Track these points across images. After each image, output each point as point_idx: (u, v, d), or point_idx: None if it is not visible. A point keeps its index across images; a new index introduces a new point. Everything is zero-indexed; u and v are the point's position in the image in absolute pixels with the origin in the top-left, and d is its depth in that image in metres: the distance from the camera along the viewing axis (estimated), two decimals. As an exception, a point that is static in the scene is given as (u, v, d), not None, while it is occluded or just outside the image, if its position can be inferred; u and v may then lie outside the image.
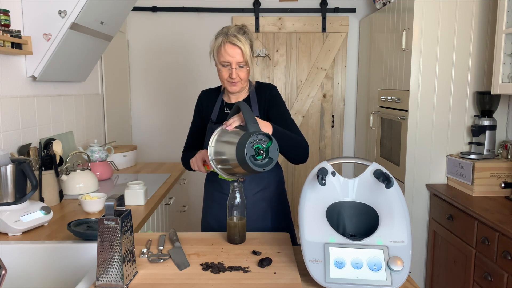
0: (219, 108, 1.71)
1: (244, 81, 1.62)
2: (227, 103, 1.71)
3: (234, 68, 1.56)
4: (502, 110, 2.48)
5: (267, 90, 1.70)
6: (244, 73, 1.59)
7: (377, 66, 3.14)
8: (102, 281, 1.06)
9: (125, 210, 1.12)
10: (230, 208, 1.37)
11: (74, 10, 1.98)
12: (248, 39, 1.57)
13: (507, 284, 1.77)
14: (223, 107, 1.71)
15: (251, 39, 1.60)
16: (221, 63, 1.58)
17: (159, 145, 3.78)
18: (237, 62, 1.56)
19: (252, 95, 1.69)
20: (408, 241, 1.11)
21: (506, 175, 2.26)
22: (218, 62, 1.60)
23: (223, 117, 1.68)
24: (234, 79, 1.58)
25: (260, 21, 3.61)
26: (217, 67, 1.61)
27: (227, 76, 1.59)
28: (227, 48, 1.55)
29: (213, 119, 1.70)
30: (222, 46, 1.56)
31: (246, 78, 1.62)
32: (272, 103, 1.67)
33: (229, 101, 1.71)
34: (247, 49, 1.55)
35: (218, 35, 1.59)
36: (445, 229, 2.34)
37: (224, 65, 1.58)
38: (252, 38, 1.62)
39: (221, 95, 1.74)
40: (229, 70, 1.57)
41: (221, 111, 1.71)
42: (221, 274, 1.15)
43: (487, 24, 2.43)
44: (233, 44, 1.54)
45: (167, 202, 2.40)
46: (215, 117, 1.70)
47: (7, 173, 1.55)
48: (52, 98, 2.31)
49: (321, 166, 1.22)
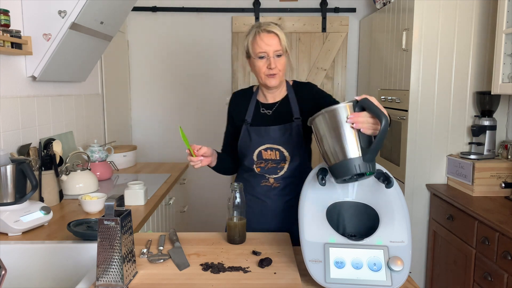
0: (253, 109, 1.63)
1: (282, 72, 1.53)
2: (263, 103, 1.63)
3: (271, 57, 1.49)
4: (502, 110, 2.48)
5: (308, 89, 1.61)
6: (282, 63, 1.51)
7: (377, 66, 3.14)
8: (102, 281, 1.06)
9: (125, 210, 1.12)
10: (230, 208, 1.37)
11: (74, 10, 1.97)
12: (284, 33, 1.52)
13: (507, 284, 1.77)
14: (259, 107, 1.63)
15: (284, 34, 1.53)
16: (257, 55, 1.50)
17: (159, 145, 3.78)
18: (274, 50, 1.48)
19: (291, 95, 1.60)
20: (408, 241, 1.11)
21: (506, 175, 2.26)
22: (254, 55, 1.51)
23: (259, 118, 1.61)
24: (273, 70, 1.50)
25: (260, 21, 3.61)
26: (253, 63, 1.54)
27: (265, 68, 1.50)
28: (262, 36, 1.48)
29: (248, 120, 1.61)
30: (257, 36, 1.49)
31: (284, 69, 1.53)
32: (318, 99, 1.56)
33: (265, 101, 1.63)
34: (283, 36, 1.49)
35: (250, 30, 1.53)
36: (445, 229, 2.34)
37: (261, 57, 1.50)
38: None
39: (255, 95, 1.65)
40: (267, 61, 1.49)
41: (257, 111, 1.62)
42: (221, 274, 1.14)
43: (487, 24, 2.43)
44: (269, 31, 1.48)
45: (167, 202, 2.40)
46: (250, 118, 1.61)
47: (7, 173, 1.54)
48: (52, 98, 2.31)
49: (321, 166, 1.22)
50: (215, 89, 3.71)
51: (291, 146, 1.55)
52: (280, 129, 1.55)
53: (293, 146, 1.55)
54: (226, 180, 3.79)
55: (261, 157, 1.57)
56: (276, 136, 1.55)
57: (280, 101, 1.62)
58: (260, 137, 1.57)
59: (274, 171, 1.58)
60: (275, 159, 1.56)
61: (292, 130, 1.55)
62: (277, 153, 1.55)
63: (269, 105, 1.62)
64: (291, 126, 1.55)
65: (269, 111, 1.61)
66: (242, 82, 3.66)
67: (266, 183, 1.59)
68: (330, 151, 1.11)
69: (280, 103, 1.61)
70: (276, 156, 1.56)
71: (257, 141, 1.57)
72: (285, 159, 1.56)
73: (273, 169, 1.58)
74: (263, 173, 1.59)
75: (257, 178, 1.61)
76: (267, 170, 1.58)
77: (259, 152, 1.57)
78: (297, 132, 1.55)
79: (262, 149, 1.57)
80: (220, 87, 3.71)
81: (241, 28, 3.59)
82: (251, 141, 1.58)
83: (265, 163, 1.58)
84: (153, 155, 3.76)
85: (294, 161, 1.56)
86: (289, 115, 1.58)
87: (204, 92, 3.72)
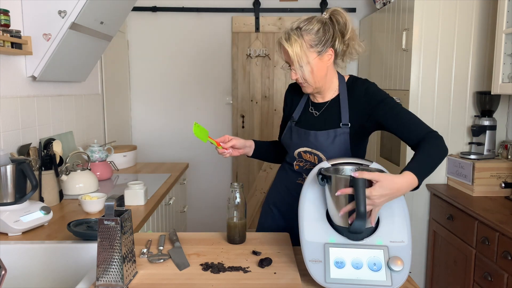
0: (303, 107, 1.55)
1: (312, 81, 1.42)
2: (313, 102, 1.53)
3: (291, 69, 1.42)
4: (502, 110, 2.48)
5: (361, 89, 1.44)
6: (307, 73, 1.40)
7: (377, 66, 3.14)
8: (102, 281, 1.06)
9: (125, 210, 1.12)
10: (230, 208, 1.37)
11: (74, 10, 1.97)
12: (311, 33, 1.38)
13: (507, 284, 1.76)
14: (308, 106, 1.54)
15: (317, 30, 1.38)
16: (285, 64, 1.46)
17: (159, 145, 3.78)
18: (290, 62, 1.41)
19: (342, 95, 1.46)
20: (408, 241, 1.11)
21: (506, 175, 2.26)
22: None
23: (306, 118, 1.52)
24: (296, 81, 1.44)
25: (260, 21, 3.61)
26: None
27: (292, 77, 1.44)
28: (279, 48, 1.43)
29: (294, 117, 1.54)
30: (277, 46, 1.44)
31: (313, 78, 1.41)
32: (374, 105, 1.40)
33: (314, 100, 1.53)
34: (297, 50, 1.37)
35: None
36: (445, 229, 2.34)
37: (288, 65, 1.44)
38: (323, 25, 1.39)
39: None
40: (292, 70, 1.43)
41: (305, 110, 1.54)
42: (221, 274, 1.14)
43: (487, 24, 2.43)
44: (280, 44, 1.41)
45: (167, 202, 2.40)
46: (297, 116, 1.54)
47: (7, 173, 1.54)
48: (52, 98, 2.31)
49: (321, 166, 1.22)
50: (215, 89, 3.71)
51: (332, 153, 1.44)
52: (321, 135, 1.46)
53: (335, 152, 1.44)
54: (226, 180, 3.79)
55: (301, 157, 1.52)
56: (316, 141, 1.46)
57: (330, 101, 1.49)
58: (300, 139, 1.50)
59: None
60: (314, 162, 1.49)
61: (336, 137, 1.44)
62: (316, 157, 1.48)
63: (319, 105, 1.51)
64: (336, 132, 1.44)
65: (316, 112, 1.51)
66: (242, 82, 3.66)
67: (301, 181, 1.53)
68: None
69: (329, 104, 1.49)
70: (315, 160, 1.48)
71: (297, 143, 1.52)
72: None
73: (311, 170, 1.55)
74: (301, 171, 1.54)
75: (295, 173, 1.56)
76: (305, 170, 1.52)
77: (299, 153, 1.52)
78: (342, 139, 1.44)
79: (301, 151, 1.51)
80: (220, 87, 3.71)
81: (241, 28, 3.59)
82: (292, 141, 1.54)
83: (304, 163, 1.52)
84: (153, 155, 3.76)
85: None
86: (336, 120, 1.46)
87: (204, 92, 3.72)
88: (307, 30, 1.38)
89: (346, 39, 1.42)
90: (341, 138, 1.44)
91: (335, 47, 1.43)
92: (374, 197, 1.07)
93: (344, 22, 1.41)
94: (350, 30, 1.41)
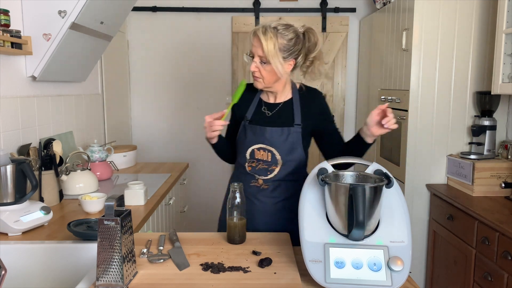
0: (256, 106, 1.63)
1: (266, 80, 1.52)
2: (266, 102, 1.62)
3: (253, 61, 1.50)
4: (502, 110, 2.48)
5: (315, 98, 1.61)
6: (266, 72, 1.50)
7: (377, 66, 3.14)
8: (102, 281, 1.06)
9: (125, 210, 1.12)
10: (230, 208, 1.37)
11: (74, 10, 1.97)
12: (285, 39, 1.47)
13: (507, 284, 1.77)
14: (261, 105, 1.62)
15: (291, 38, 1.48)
16: (250, 53, 1.52)
17: (159, 145, 3.78)
18: (258, 55, 1.48)
19: (295, 98, 1.59)
20: (408, 241, 1.11)
21: (506, 175, 2.26)
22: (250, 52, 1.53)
23: (260, 116, 1.60)
24: (253, 73, 1.51)
25: (260, 21, 3.61)
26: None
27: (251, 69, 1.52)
28: (252, 38, 1.50)
29: (248, 117, 1.61)
30: (252, 35, 1.50)
31: (269, 78, 1.51)
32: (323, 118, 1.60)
33: (267, 100, 1.63)
34: (270, 47, 1.44)
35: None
36: (445, 229, 2.34)
37: (252, 56, 1.51)
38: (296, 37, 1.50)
39: (259, 93, 1.65)
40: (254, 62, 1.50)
41: (258, 109, 1.62)
42: (221, 274, 1.14)
43: (487, 24, 2.43)
44: (256, 35, 1.48)
45: (167, 202, 2.40)
46: (251, 115, 1.61)
47: (7, 173, 1.54)
48: (52, 98, 2.31)
49: (321, 166, 1.22)
50: (215, 89, 3.71)
51: (285, 150, 1.55)
52: (276, 131, 1.55)
53: (287, 150, 1.55)
54: (226, 180, 3.79)
55: (253, 156, 1.58)
56: (271, 137, 1.55)
57: (283, 103, 1.61)
58: (255, 136, 1.57)
59: (264, 172, 1.58)
60: (267, 160, 1.56)
61: (290, 134, 1.55)
62: (269, 154, 1.55)
63: (271, 105, 1.62)
64: (290, 130, 1.55)
65: (269, 112, 1.61)
66: (242, 82, 3.66)
67: (255, 183, 1.59)
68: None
69: (282, 106, 1.61)
70: (268, 157, 1.56)
71: (252, 140, 1.58)
72: (277, 162, 1.56)
73: (263, 170, 1.58)
74: (253, 173, 1.59)
75: (247, 177, 1.61)
76: (257, 170, 1.58)
77: (252, 151, 1.58)
78: (295, 138, 1.55)
79: (255, 148, 1.57)
80: (220, 87, 3.71)
81: (241, 28, 3.59)
82: (246, 139, 1.59)
83: (256, 163, 1.58)
84: (153, 155, 3.76)
85: (286, 166, 1.56)
86: (290, 119, 1.57)
87: (204, 92, 3.72)
88: (283, 34, 1.48)
89: (311, 56, 1.57)
90: (293, 136, 1.55)
91: (297, 60, 1.55)
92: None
93: (314, 42, 1.56)
94: (317, 51, 1.57)
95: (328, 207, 1.15)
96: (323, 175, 1.17)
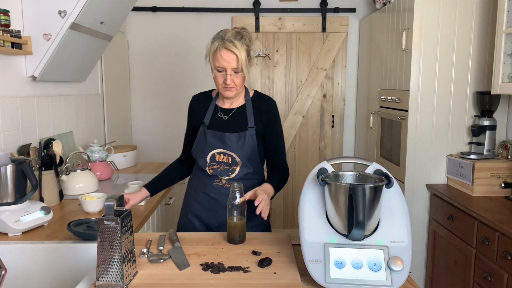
0: (212, 112, 1.70)
1: (239, 87, 1.60)
2: (221, 107, 1.70)
3: (229, 74, 1.55)
4: (502, 110, 2.48)
5: (266, 104, 1.70)
6: (239, 79, 1.57)
7: (377, 66, 3.14)
8: (102, 281, 1.06)
9: (125, 210, 1.12)
10: (230, 208, 1.37)
11: (74, 10, 1.97)
12: (245, 44, 1.56)
13: (507, 284, 1.77)
14: (217, 111, 1.70)
15: (249, 44, 1.59)
16: (216, 68, 1.57)
17: (159, 145, 3.78)
18: (232, 68, 1.54)
19: (248, 104, 1.68)
20: (408, 241, 1.11)
21: (506, 175, 2.26)
22: (213, 67, 1.58)
23: (217, 121, 1.68)
24: (228, 85, 1.57)
25: (260, 21, 3.61)
26: (213, 71, 1.60)
27: (222, 81, 1.57)
28: (222, 53, 1.53)
29: (206, 122, 1.68)
30: (218, 51, 1.54)
31: (241, 84, 1.61)
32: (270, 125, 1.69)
33: (223, 106, 1.70)
34: (243, 56, 1.53)
35: (214, 39, 1.57)
36: (445, 229, 2.34)
37: (219, 70, 1.56)
38: (250, 42, 1.60)
39: (215, 100, 1.73)
40: (224, 75, 1.56)
41: (215, 115, 1.70)
42: (221, 274, 1.15)
43: (487, 24, 2.43)
44: (229, 50, 1.52)
45: (167, 202, 2.40)
46: (208, 120, 1.68)
47: (7, 173, 1.54)
48: (52, 98, 2.31)
49: (321, 166, 1.22)
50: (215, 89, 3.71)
51: (244, 153, 1.64)
52: (235, 137, 1.64)
53: (245, 153, 1.64)
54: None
55: (214, 160, 1.65)
56: (230, 143, 1.64)
57: (237, 108, 1.69)
58: (216, 141, 1.65)
59: (226, 173, 1.65)
60: (228, 162, 1.64)
61: (246, 138, 1.64)
62: (229, 158, 1.64)
63: (226, 110, 1.69)
64: (245, 134, 1.64)
65: (225, 116, 1.69)
66: (242, 82, 3.66)
67: (218, 183, 1.66)
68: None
69: (237, 110, 1.69)
70: (228, 160, 1.64)
71: (212, 144, 1.65)
72: (237, 163, 1.64)
73: (225, 171, 1.65)
74: (216, 174, 1.66)
75: (210, 178, 1.67)
76: (220, 171, 1.66)
77: (213, 155, 1.65)
78: (250, 140, 1.64)
79: (215, 152, 1.65)
80: (220, 87, 3.70)
81: (241, 28, 3.59)
82: (207, 143, 1.66)
83: (217, 165, 1.66)
84: (153, 155, 3.76)
85: (245, 166, 1.65)
86: (244, 123, 1.66)
87: (204, 92, 3.71)
88: (245, 43, 1.57)
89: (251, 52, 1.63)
90: (249, 139, 1.64)
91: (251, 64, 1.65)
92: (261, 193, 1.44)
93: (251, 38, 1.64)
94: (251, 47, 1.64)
95: (328, 207, 1.15)
96: (323, 175, 1.17)
